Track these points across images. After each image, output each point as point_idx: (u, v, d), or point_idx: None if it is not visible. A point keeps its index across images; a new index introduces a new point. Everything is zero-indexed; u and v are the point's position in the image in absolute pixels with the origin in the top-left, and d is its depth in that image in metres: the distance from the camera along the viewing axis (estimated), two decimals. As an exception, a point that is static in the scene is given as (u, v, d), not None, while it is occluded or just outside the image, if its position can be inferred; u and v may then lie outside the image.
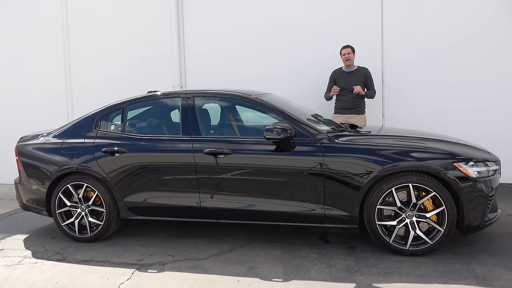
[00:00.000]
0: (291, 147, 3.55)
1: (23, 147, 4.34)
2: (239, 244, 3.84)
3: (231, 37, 6.34)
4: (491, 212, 3.45)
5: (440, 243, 3.32)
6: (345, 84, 5.44)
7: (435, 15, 5.70)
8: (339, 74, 5.54)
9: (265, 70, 6.22)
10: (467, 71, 5.65)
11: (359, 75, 5.43)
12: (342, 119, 5.32)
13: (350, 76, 5.46)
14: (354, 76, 5.43)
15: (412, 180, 3.30)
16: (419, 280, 2.98)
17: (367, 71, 5.48)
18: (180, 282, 3.13)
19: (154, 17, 6.58)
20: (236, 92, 4.04)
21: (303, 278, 3.10)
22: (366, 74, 5.46)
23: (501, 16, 5.51)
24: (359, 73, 5.45)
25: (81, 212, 4.07)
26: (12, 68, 7.09)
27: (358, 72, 5.46)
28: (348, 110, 5.44)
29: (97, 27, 6.79)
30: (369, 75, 5.47)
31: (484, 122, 5.62)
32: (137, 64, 6.65)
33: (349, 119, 5.31)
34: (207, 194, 3.76)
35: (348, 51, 5.42)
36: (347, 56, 5.40)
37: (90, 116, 4.24)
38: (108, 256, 3.70)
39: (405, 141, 3.58)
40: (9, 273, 3.46)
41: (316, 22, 6.04)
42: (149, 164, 3.87)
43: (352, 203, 3.43)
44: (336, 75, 5.56)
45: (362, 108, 5.50)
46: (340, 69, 5.58)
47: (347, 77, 5.47)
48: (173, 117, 4.30)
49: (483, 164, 3.37)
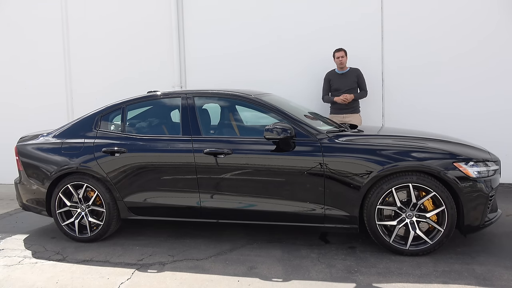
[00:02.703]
0: (291, 147, 3.55)
1: (23, 147, 4.34)
2: (239, 244, 3.84)
3: (231, 37, 6.33)
4: (491, 212, 3.45)
5: (440, 243, 3.32)
6: (339, 85, 5.60)
7: (435, 15, 5.69)
8: (333, 76, 5.69)
9: (265, 70, 6.22)
10: (467, 70, 5.64)
11: (351, 76, 5.59)
12: (337, 119, 5.34)
13: (343, 77, 5.62)
14: (347, 77, 5.60)
15: (412, 180, 3.30)
16: (419, 280, 2.98)
17: (359, 72, 5.63)
18: (180, 282, 3.13)
19: (154, 16, 6.57)
20: (236, 92, 4.04)
21: (303, 278, 3.10)
22: (358, 74, 5.62)
23: (500, 17, 5.51)
24: (352, 74, 5.61)
25: (81, 212, 4.07)
26: (12, 68, 7.08)
27: (351, 73, 5.62)
28: (343, 110, 5.56)
29: (97, 26, 6.78)
30: (361, 76, 5.62)
31: (484, 122, 5.61)
32: (137, 64, 6.65)
33: (345, 119, 5.42)
34: (207, 194, 3.76)
35: (342, 54, 5.56)
36: (340, 59, 5.56)
37: (90, 116, 4.24)
38: (108, 256, 3.70)
39: (405, 141, 3.58)
40: (9, 273, 3.46)
41: (316, 22, 6.03)
42: (149, 164, 3.87)
43: (352, 203, 3.43)
44: (330, 76, 5.71)
45: (356, 107, 5.62)
46: (333, 71, 5.73)
47: (340, 78, 5.63)
48: (173, 117, 4.30)
49: (483, 164, 3.37)
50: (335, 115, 5.56)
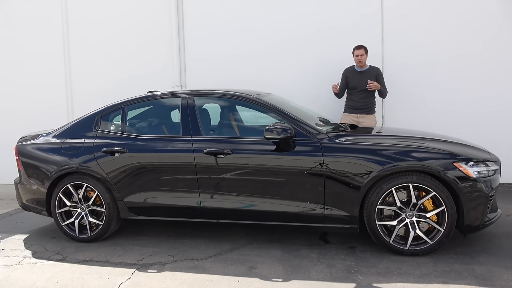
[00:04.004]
0: (291, 147, 3.55)
1: (23, 147, 4.34)
2: (239, 244, 3.84)
3: (231, 38, 6.33)
4: (491, 212, 3.45)
5: (440, 243, 3.32)
6: (356, 83, 5.39)
7: (435, 16, 5.69)
8: (351, 73, 5.47)
9: (266, 70, 6.22)
10: (467, 71, 5.65)
11: (370, 74, 5.35)
12: (352, 119, 5.30)
13: (361, 75, 5.39)
14: (366, 75, 5.35)
15: (412, 180, 3.30)
16: (419, 280, 2.98)
17: (378, 71, 5.44)
18: (180, 282, 3.13)
19: (154, 17, 6.57)
20: (236, 92, 4.04)
21: (303, 278, 3.10)
22: (378, 73, 5.41)
23: (502, 19, 5.51)
24: (371, 72, 5.38)
25: (81, 212, 4.06)
26: (12, 68, 7.08)
27: (370, 71, 5.40)
28: (358, 109, 5.40)
29: (97, 26, 6.77)
30: (380, 75, 5.42)
31: (484, 122, 5.61)
32: (137, 64, 6.65)
33: (359, 119, 5.28)
34: (207, 194, 3.76)
35: (362, 52, 5.34)
36: (360, 57, 5.34)
37: (90, 116, 4.24)
38: (108, 256, 3.70)
39: (405, 141, 3.58)
40: (9, 273, 3.46)
41: (317, 22, 6.03)
42: (149, 164, 3.87)
43: (352, 203, 3.43)
44: (347, 73, 5.49)
45: (372, 108, 5.45)
46: (352, 67, 5.52)
47: (358, 76, 5.41)
48: (173, 117, 4.30)
49: (483, 164, 3.37)
50: (349, 114, 5.41)
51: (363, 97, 5.38)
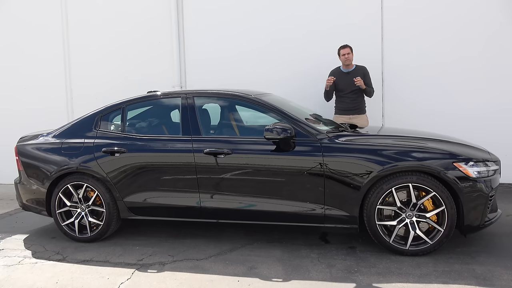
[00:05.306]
0: (291, 147, 3.55)
1: (23, 147, 4.34)
2: (239, 244, 3.83)
3: (231, 38, 6.34)
4: (491, 212, 3.45)
5: (440, 243, 3.32)
6: (343, 86, 5.37)
7: (435, 16, 5.69)
8: (338, 75, 5.44)
9: (266, 70, 6.22)
10: (467, 71, 5.65)
11: (357, 74, 5.32)
12: (343, 120, 5.29)
13: (349, 76, 5.36)
14: (353, 76, 5.33)
15: (412, 180, 3.30)
16: (419, 280, 2.97)
17: (365, 70, 5.41)
18: (180, 282, 3.13)
19: (154, 18, 6.57)
20: (236, 92, 4.04)
21: (303, 278, 3.10)
22: (365, 73, 5.38)
23: (502, 19, 5.51)
24: (358, 72, 5.36)
25: (81, 212, 4.06)
26: (12, 69, 7.09)
27: (357, 71, 5.37)
28: (349, 111, 5.40)
29: (98, 28, 6.78)
30: (367, 74, 5.40)
31: (484, 122, 5.61)
32: (137, 64, 6.65)
33: (351, 120, 5.26)
34: (207, 194, 3.76)
35: (348, 51, 5.32)
36: (346, 56, 5.32)
37: (90, 116, 4.24)
38: (108, 256, 3.70)
39: (405, 141, 3.58)
40: (9, 273, 3.46)
41: (317, 22, 6.03)
42: (149, 164, 3.87)
43: (352, 203, 3.43)
44: (334, 75, 5.46)
45: (363, 108, 5.46)
46: (338, 68, 5.49)
47: (345, 77, 5.39)
48: (173, 117, 4.30)
49: (483, 164, 3.37)
50: (340, 116, 5.39)
51: (354, 98, 5.37)
